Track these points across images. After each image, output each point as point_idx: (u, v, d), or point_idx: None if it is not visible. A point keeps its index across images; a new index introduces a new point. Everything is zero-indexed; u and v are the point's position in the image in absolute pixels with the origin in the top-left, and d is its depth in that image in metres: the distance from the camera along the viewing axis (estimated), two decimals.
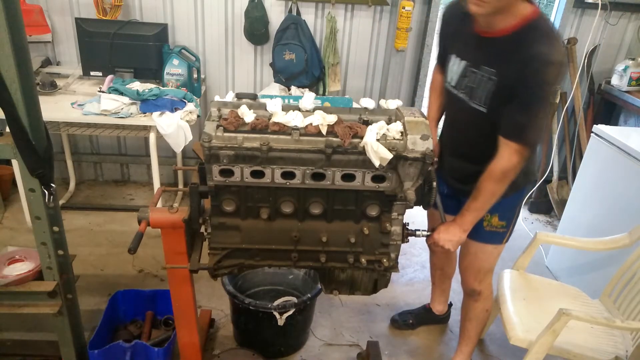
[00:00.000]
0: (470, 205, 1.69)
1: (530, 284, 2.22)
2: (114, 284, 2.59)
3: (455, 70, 1.74)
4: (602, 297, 2.16)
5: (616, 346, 1.90)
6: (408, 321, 2.50)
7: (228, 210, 1.51)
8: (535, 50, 1.45)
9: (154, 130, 2.66)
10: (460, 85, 1.72)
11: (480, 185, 1.65)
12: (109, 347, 1.93)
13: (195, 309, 1.89)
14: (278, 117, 1.40)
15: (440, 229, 1.73)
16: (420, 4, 3.22)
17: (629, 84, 3.34)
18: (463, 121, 1.78)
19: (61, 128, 2.79)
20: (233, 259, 1.61)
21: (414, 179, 1.45)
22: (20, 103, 1.37)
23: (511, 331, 1.92)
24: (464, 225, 1.71)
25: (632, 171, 2.39)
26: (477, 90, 1.64)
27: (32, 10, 2.89)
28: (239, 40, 3.25)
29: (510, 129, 1.56)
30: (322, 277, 1.71)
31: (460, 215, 1.72)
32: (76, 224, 3.10)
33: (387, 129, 1.40)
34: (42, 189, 1.51)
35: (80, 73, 3.01)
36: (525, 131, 1.54)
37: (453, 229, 1.71)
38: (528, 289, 2.18)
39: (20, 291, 1.68)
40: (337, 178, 1.44)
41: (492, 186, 1.63)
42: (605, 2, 3.30)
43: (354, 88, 3.47)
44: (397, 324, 2.50)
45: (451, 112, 1.90)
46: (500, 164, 1.59)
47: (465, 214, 1.70)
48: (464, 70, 1.69)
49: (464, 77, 1.69)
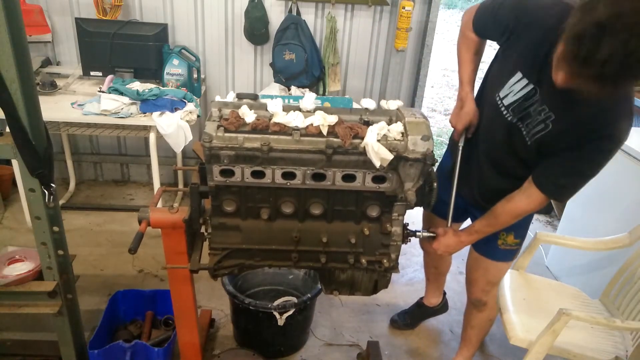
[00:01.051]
0: (482, 228, 1.67)
1: (531, 284, 2.22)
2: (114, 284, 2.59)
3: (515, 90, 1.50)
4: (602, 297, 2.17)
5: (616, 346, 1.90)
6: (407, 321, 2.51)
7: (228, 210, 1.51)
8: (610, 129, 1.35)
9: (154, 130, 2.66)
10: (514, 109, 1.52)
11: (497, 215, 1.61)
12: (109, 347, 1.93)
13: (196, 309, 1.89)
14: (279, 118, 1.40)
15: (441, 240, 1.71)
16: (420, 4, 3.22)
17: None
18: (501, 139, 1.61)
19: (61, 128, 2.79)
20: (233, 259, 1.61)
21: (415, 180, 1.45)
22: (20, 103, 1.37)
23: (511, 331, 1.92)
24: (467, 242, 1.72)
25: (632, 171, 2.39)
26: (530, 122, 1.49)
27: (32, 10, 2.89)
28: (239, 40, 3.25)
29: (550, 185, 1.49)
30: (322, 278, 1.71)
31: (467, 233, 1.70)
32: (76, 224, 3.10)
33: (388, 129, 1.40)
34: (42, 189, 1.51)
35: (80, 73, 3.01)
36: (565, 193, 1.52)
37: (454, 241, 1.70)
38: (528, 289, 2.18)
39: (20, 291, 1.68)
40: (338, 178, 1.44)
41: (509, 220, 1.62)
42: None
43: (354, 88, 3.47)
44: (397, 325, 2.51)
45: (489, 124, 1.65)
46: (525, 205, 1.55)
47: (474, 233, 1.69)
48: (527, 96, 1.48)
49: (523, 102, 1.49)
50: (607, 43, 1.06)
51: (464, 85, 1.72)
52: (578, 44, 1.12)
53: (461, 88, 1.73)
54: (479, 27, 1.64)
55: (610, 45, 1.06)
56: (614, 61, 1.07)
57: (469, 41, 1.70)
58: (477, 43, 1.70)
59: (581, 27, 1.11)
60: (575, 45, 1.12)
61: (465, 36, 1.71)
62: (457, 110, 1.73)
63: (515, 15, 1.47)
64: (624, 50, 1.06)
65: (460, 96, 1.72)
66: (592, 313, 2.01)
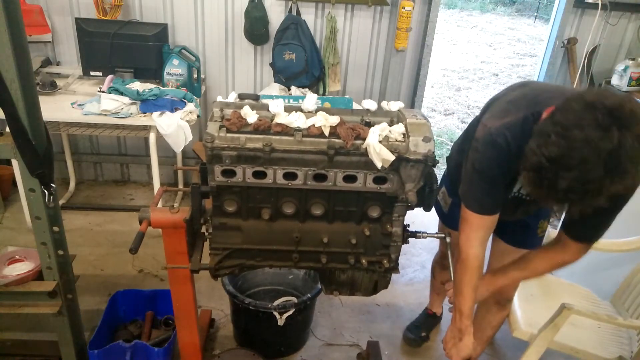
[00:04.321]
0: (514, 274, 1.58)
1: (541, 281, 2.20)
2: (114, 284, 2.59)
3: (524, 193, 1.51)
4: (612, 299, 2.15)
5: (621, 346, 1.90)
6: (422, 334, 2.43)
7: (229, 210, 1.51)
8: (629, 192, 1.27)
9: (154, 130, 2.66)
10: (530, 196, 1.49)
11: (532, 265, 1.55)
12: (109, 347, 1.93)
13: (196, 309, 1.88)
14: (281, 118, 1.40)
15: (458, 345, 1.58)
16: (420, 4, 3.21)
17: (629, 84, 3.35)
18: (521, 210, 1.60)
19: (61, 128, 2.79)
20: (234, 259, 1.61)
21: (416, 181, 1.45)
22: (20, 103, 1.37)
23: (514, 324, 1.93)
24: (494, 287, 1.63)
25: None
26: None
27: (32, 10, 2.88)
28: (239, 40, 3.25)
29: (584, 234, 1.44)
30: (322, 278, 1.71)
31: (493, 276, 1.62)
32: (76, 224, 3.09)
33: (390, 130, 1.40)
34: (42, 189, 1.51)
35: (80, 73, 3.01)
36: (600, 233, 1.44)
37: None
38: (538, 286, 2.17)
39: (20, 291, 1.68)
40: (339, 179, 1.44)
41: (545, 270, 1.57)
42: (605, 2, 3.30)
43: (354, 88, 3.47)
44: (415, 342, 2.39)
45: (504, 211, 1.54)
46: (565, 258, 1.50)
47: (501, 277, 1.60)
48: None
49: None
50: (564, 177, 1.07)
51: (463, 319, 1.53)
52: (538, 177, 1.12)
53: (460, 320, 1.54)
54: (490, 209, 1.45)
55: (568, 179, 1.07)
56: (575, 190, 1.08)
57: (472, 266, 1.48)
58: (481, 260, 1.50)
59: (537, 161, 1.11)
60: (536, 177, 1.13)
61: (467, 260, 1.48)
62: (455, 341, 1.57)
63: (507, 165, 1.36)
64: (582, 180, 1.06)
65: (459, 327, 1.55)
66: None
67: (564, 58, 3.53)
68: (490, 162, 1.37)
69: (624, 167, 1.05)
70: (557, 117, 1.10)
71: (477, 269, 1.49)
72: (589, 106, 1.06)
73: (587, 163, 1.05)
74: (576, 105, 1.08)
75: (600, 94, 1.09)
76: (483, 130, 1.38)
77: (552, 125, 1.09)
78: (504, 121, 1.33)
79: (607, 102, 1.05)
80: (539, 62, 3.69)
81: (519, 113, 1.32)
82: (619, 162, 1.04)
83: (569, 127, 1.06)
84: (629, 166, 1.05)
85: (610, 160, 1.04)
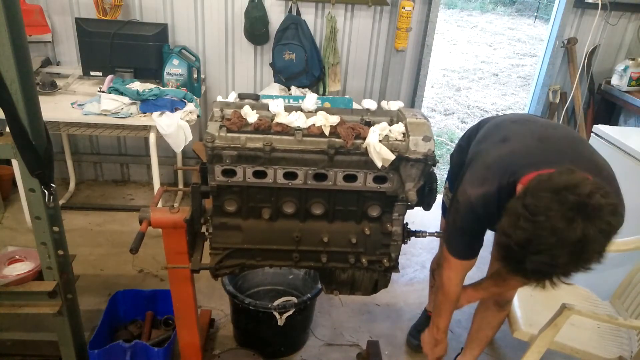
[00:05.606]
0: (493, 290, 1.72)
1: None
2: (114, 284, 2.59)
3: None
4: (612, 299, 2.15)
5: (621, 347, 1.90)
6: None
7: (230, 210, 1.51)
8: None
9: (154, 130, 2.65)
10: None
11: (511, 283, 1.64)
12: (109, 347, 1.93)
13: (196, 309, 1.88)
14: (281, 118, 1.40)
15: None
16: (420, 4, 3.22)
17: (629, 84, 3.35)
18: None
19: (61, 128, 2.78)
20: (234, 259, 1.61)
21: (416, 180, 1.45)
22: (20, 103, 1.37)
23: (514, 324, 1.93)
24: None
25: (632, 171, 2.39)
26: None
27: (32, 10, 2.88)
28: (239, 40, 3.25)
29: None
30: (322, 277, 1.71)
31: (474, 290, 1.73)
32: (76, 224, 3.09)
33: (390, 130, 1.40)
34: (42, 189, 1.51)
35: (80, 73, 3.01)
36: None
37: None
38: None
39: (20, 291, 1.68)
40: (339, 179, 1.44)
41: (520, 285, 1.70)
42: (605, 2, 3.30)
43: (354, 88, 3.47)
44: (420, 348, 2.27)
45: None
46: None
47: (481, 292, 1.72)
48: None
49: None
50: (531, 260, 1.13)
51: (440, 332, 1.74)
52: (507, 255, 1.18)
53: (437, 333, 1.74)
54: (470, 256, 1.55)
55: (535, 262, 1.13)
56: (542, 272, 1.16)
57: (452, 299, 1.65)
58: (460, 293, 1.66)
59: (506, 243, 1.16)
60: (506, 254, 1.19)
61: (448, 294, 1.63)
62: (431, 345, 1.79)
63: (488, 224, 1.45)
64: (548, 264, 1.12)
65: (436, 337, 1.76)
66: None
67: (564, 58, 3.53)
68: (471, 223, 1.46)
69: (589, 255, 1.11)
70: (527, 201, 1.13)
71: (456, 300, 1.67)
72: (557, 193, 1.10)
73: (553, 249, 1.10)
74: (544, 192, 1.12)
75: (569, 180, 1.12)
76: (463, 195, 1.44)
77: (522, 208, 1.14)
78: (482, 190, 1.39)
79: (575, 191, 1.09)
80: (539, 62, 3.69)
81: (495, 182, 1.37)
82: (583, 251, 1.09)
83: (537, 213, 1.11)
84: (593, 255, 1.12)
85: (575, 249, 1.09)
